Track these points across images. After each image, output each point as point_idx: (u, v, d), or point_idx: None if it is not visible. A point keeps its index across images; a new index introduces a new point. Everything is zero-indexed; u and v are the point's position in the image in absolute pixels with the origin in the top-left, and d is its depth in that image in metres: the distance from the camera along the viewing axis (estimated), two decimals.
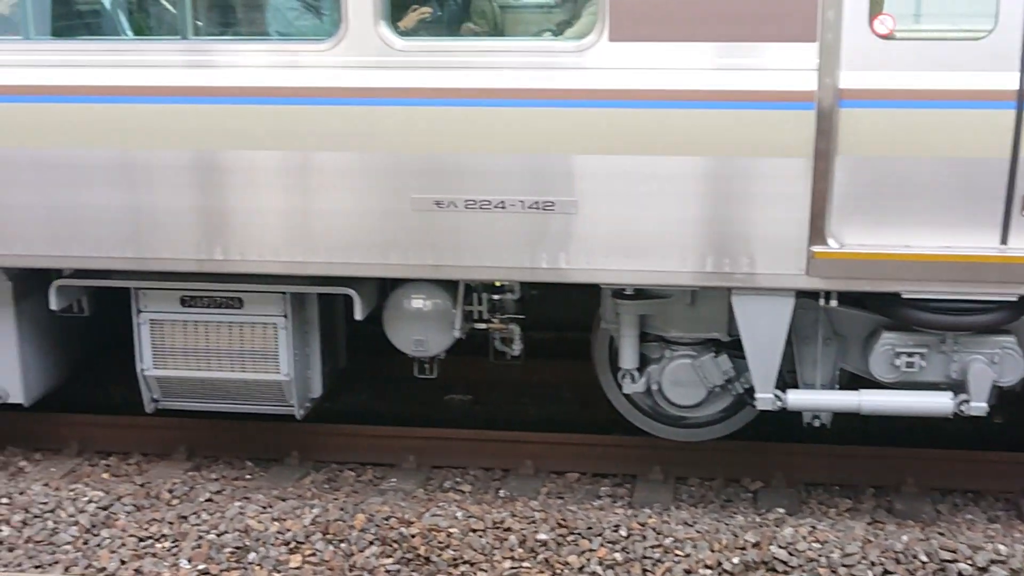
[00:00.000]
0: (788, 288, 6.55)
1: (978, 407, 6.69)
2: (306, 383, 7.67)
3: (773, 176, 6.30)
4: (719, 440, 7.68)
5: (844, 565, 6.26)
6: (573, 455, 8.08)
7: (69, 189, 6.92)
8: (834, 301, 6.67)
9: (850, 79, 6.16)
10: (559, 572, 6.34)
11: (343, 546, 6.57)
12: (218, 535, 6.70)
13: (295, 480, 7.99)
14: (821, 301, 6.68)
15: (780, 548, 6.40)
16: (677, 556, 6.41)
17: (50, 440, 8.50)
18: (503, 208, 6.57)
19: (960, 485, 7.72)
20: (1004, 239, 6.29)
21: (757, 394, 6.85)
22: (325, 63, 6.56)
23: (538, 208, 6.54)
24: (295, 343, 7.40)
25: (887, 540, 6.46)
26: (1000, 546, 6.36)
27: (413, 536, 6.58)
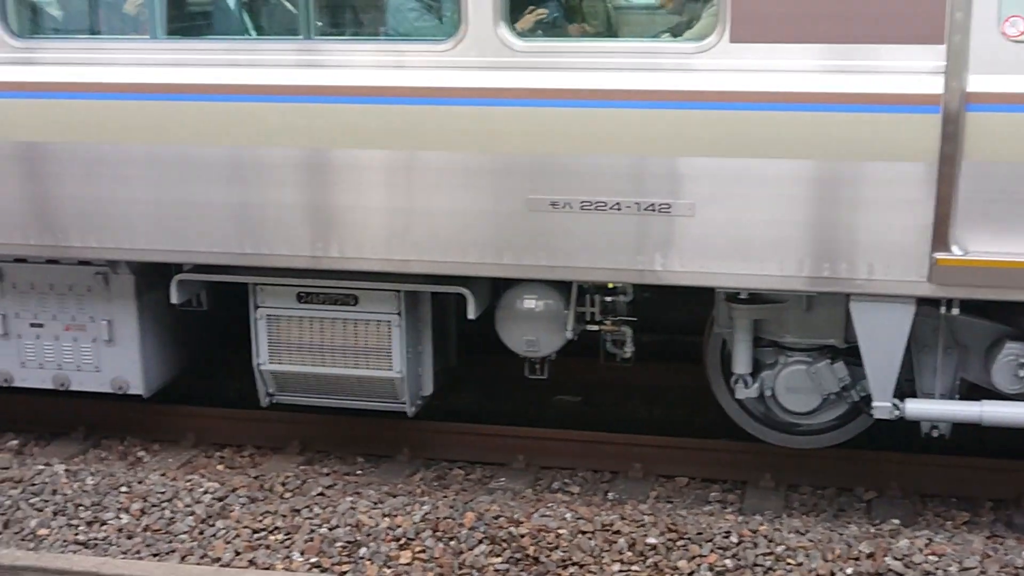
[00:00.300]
0: (909, 295, 6.42)
1: None
2: (418, 381, 7.72)
3: (895, 181, 6.18)
4: (831, 448, 7.55)
5: None
6: (683, 459, 8.01)
7: (191, 186, 7.05)
8: (956, 309, 6.51)
9: (978, 82, 6.01)
10: None
11: (452, 544, 6.60)
12: (330, 529, 6.78)
13: (405, 477, 8.05)
14: (942, 309, 6.53)
15: (896, 560, 6.28)
16: (789, 564, 6.33)
17: (168, 431, 8.68)
18: (619, 210, 6.55)
19: None
20: None
21: (874, 403, 6.72)
22: (444, 63, 6.62)
23: (654, 210, 6.50)
24: (408, 341, 7.46)
25: (1007, 555, 6.31)
26: None
27: (522, 536, 6.59)
